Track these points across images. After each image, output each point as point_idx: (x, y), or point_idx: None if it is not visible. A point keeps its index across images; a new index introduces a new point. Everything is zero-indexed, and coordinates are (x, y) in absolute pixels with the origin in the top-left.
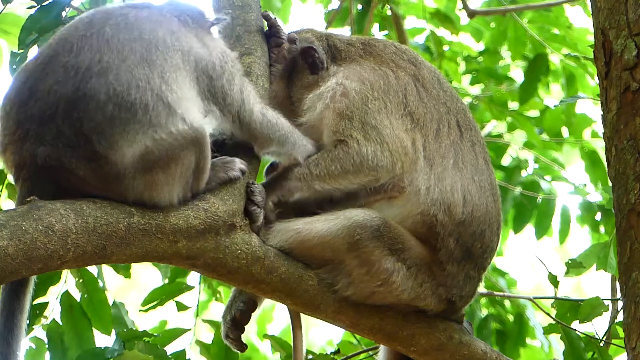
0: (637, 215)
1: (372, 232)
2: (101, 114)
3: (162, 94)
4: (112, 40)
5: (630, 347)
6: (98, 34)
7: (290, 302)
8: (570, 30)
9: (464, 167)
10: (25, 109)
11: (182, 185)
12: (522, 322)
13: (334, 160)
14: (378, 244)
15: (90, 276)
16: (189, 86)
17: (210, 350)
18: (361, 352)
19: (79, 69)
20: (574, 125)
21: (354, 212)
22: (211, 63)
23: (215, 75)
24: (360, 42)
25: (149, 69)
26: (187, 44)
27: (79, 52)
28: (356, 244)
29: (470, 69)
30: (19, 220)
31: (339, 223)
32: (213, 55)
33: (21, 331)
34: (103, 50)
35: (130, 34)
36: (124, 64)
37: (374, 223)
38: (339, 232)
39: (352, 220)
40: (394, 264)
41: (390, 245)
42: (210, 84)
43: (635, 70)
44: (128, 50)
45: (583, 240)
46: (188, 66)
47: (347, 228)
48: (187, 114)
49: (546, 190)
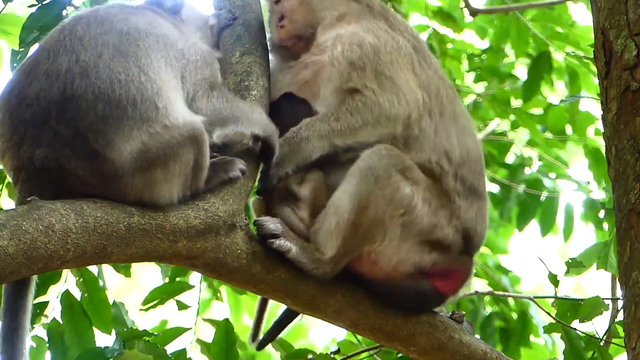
0: (637, 215)
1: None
2: (93, 113)
3: (142, 86)
4: (85, 38)
5: (630, 346)
6: (70, 35)
7: (290, 302)
8: (573, 28)
9: (457, 119)
10: (17, 114)
11: (181, 183)
12: (525, 320)
13: (354, 113)
14: (393, 170)
15: (91, 275)
16: (165, 69)
17: (211, 350)
18: (361, 352)
19: (60, 73)
20: (578, 123)
21: (363, 159)
22: (185, 49)
23: (186, 60)
24: (379, 5)
25: (124, 60)
26: (160, 29)
27: (55, 56)
28: (377, 180)
29: (474, 67)
30: (19, 220)
31: (356, 176)
32: (187, 43)
33: (25, 331)
34: (78, 49)
35: (101, 28)
36: (100, 60)
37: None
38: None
39: (365, 164)
40: (410, 189)
41: (402, 172)
42: (183, 67)
43: (635, 70)
44: (101, 44)
45: (587, 237)
46: (162, 46)
47: (362, 180)
48: (171, 105)
49: (550, 188)
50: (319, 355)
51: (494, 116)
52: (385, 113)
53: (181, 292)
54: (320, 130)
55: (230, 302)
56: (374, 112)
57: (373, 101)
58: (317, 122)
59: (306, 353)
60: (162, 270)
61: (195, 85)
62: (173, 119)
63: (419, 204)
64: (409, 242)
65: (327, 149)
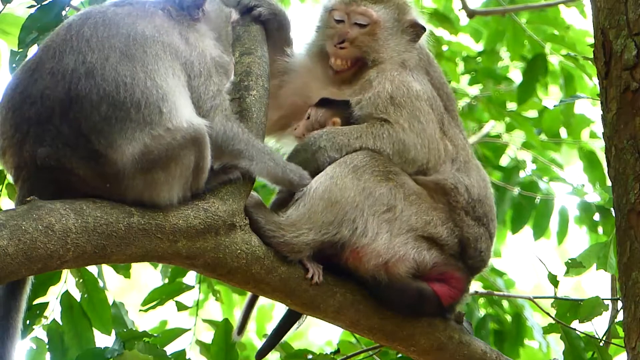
0: (637, 215)
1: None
2: (97, 113)
3: (147, 90)
4: (92, 40)
5: (630, 347)
6: (77, 36)
7: (290, 302)
8: (568, 31)
9: (480, 171)
10: (21, 112)
11: (181, 185)
12: (520, 322)
13: (376, 139)
14: (373, 168)
15: (90, 276)
16: (172, 77)
17: (210, 350)
18: (361, 352)
19: (65, 73)
20: (573, 126)
21: (348, 156)
22: (190, 62)
23: (192, 74)
24: (429, 58)
25: (131, 64)
26: (167, 37)
27: (62, 56)
28: (354, 172)
29: (469, 69)
30: (18, 220)
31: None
32: (193, 54)
33: (17, 331)
34: (85, 51)
35: (108, 31)
36: (107, 63)
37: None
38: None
39: (348, 158)
40: (390, 189)
41: (385, 173)
42: (187, 81)
43: (635, 70)
44: (108, 47)
45: (581, 240)
46: (169, 56)
47: (340, 164)
48: (176, 110)
49: (544, 190)
50: (318, 355)
51: (489, 118)
52: (405, 153)
53: (181, 293)
54: (340, 143)
55: (225, 302)
56: (395, 147)
57: (399, 137)
58: (339, 135)
59: (305, 353)
60: (161, 271)
61: (201, 100)
62: (176, 122)
63: (400, 204)
64: (402, 237)
65: (338, 159)
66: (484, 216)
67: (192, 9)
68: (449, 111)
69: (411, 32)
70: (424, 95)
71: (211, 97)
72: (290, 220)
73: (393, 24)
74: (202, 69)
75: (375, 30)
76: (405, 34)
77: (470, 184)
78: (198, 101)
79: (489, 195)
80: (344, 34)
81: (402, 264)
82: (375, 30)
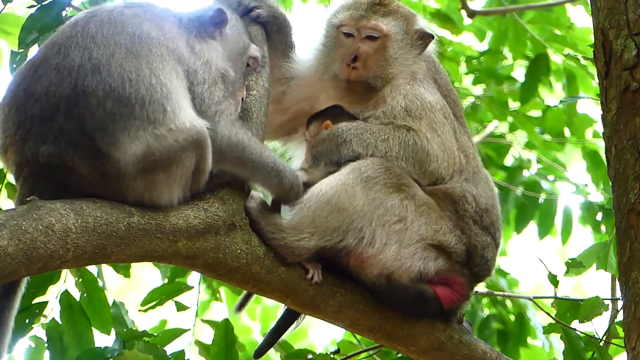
0: (637, 215)
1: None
2: (102, 110)
3: (152, 88)
4: (97, 36)
5: (630, 347)
6: (83, 32)
7: (290, 302)
8: (571, 30)
9: (488, 181)
10: (24, 109)
11: (181, 186)
12: (523, 322)
13: (401, 146)
14: (386, 180)
15: (90, 276)
16: (175, 78)
17: (210, 351)
18: (361, 352)
19: (72, 69)
20: (576, 126)
21: (360, 161)
22: (193, 70)
23: (196, 81)
24: (437, 67)
25: (137, 61)
26: (173, 43)
27: (67, 52)
28: (366, 182)
29: (472, 69)
30: (18, 219)
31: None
32: (197, 63)
33: (8, 329)
34: (90, 47)
35: (114, 29)
36: (113, 59)
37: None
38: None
39: (360, 165)
40: (402, 201)
41: (398, 185)
42: (190, 87)
43: (635, 70)
44: (114, 44)
45: (585, 240)
46: (173, 60)
47: (353, 171)
48: (179, 109)
49: (548, 190)
50: (318, 355)
51: (492, 118)
52: (426, 164)
53: (180, 293)
54: (367, 141)
55: (228, 303)
56: (417, 156)
57: (423, 147)
58: (367, 132)
59: (306, 353)
60: (161, 271)
61: (204, 104)
62: (179, 123)
63: (411, 215)
64: (412, 247)
65: (358, 155)
66: (491, 225)
67: (209, 25)
68: (457, 117)
69: (419, 43)
70: (437, 105)
71: (216, 102)
72: (293, 222)
73: (403, 37)
74: (207, 77)
75: (386, 44)
76: (414, 45)
77: (477, 194)
78: (201, 105)
79: (496, 205)
80: (355, 49)
81: (406, 273)
82: (385, 43)
